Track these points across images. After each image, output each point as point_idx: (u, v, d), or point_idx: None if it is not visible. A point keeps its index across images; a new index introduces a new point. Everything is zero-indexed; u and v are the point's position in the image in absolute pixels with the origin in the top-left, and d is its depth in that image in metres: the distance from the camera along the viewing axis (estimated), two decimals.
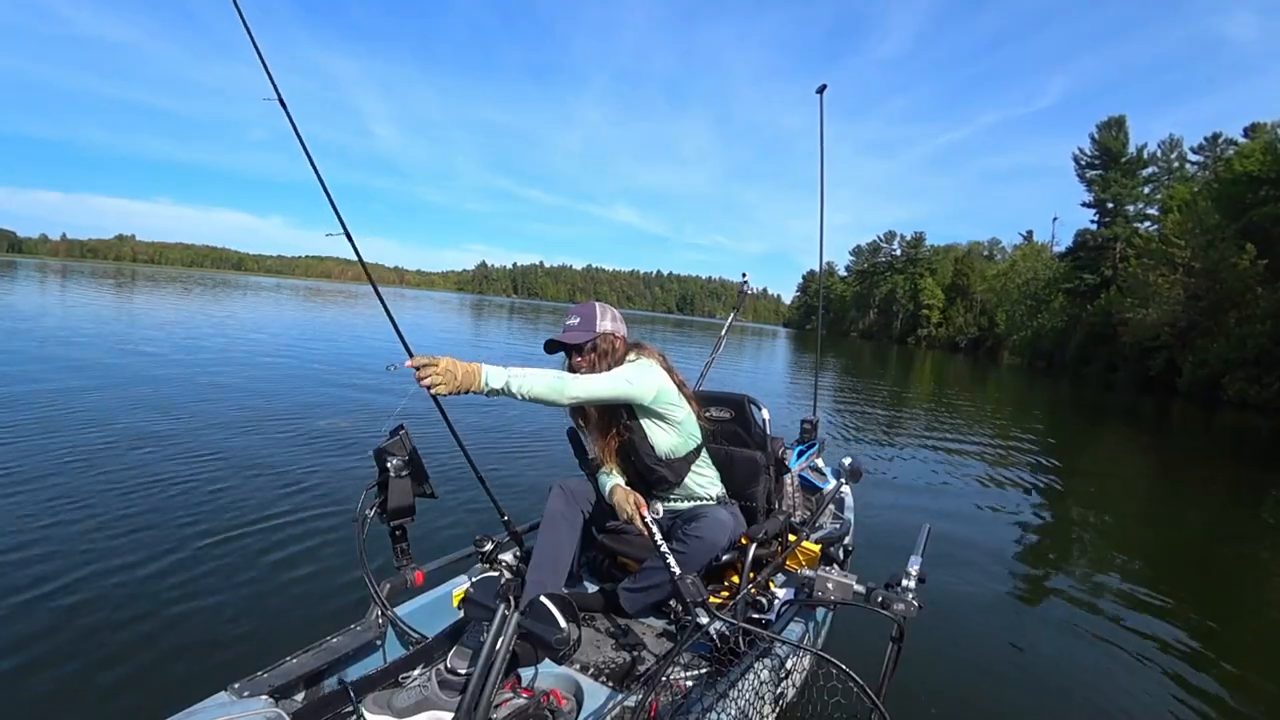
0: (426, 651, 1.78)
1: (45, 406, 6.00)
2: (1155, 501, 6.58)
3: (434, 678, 1.58)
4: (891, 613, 1.45)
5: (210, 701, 1.36)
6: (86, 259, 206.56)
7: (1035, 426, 11.15)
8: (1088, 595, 3.75)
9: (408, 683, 1.63)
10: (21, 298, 18.14)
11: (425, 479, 1.90)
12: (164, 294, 26.34)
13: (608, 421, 2.12)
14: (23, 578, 3.09)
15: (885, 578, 1.53)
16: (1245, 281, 24.40)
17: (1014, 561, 4.25)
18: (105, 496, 4.27)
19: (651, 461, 2.09)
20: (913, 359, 34.99)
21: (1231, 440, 13.63)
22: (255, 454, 5.66)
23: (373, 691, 1.59)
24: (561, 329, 2.12)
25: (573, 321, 2.11)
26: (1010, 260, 64.31)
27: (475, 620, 1.61)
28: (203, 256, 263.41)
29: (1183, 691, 2.70)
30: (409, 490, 1.85)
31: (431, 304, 42.24)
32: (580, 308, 2.16)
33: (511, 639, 1.39)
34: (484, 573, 2.13)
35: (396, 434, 1.88)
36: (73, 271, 42.89)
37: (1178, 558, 4.84)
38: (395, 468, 1.81)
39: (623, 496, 1.96)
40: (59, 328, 12.62)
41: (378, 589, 1.81)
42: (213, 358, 10.43)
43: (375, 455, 1.85)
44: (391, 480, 1.81)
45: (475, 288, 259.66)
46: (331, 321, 22.15)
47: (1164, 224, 33.31)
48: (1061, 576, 4.13)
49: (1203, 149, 40.41)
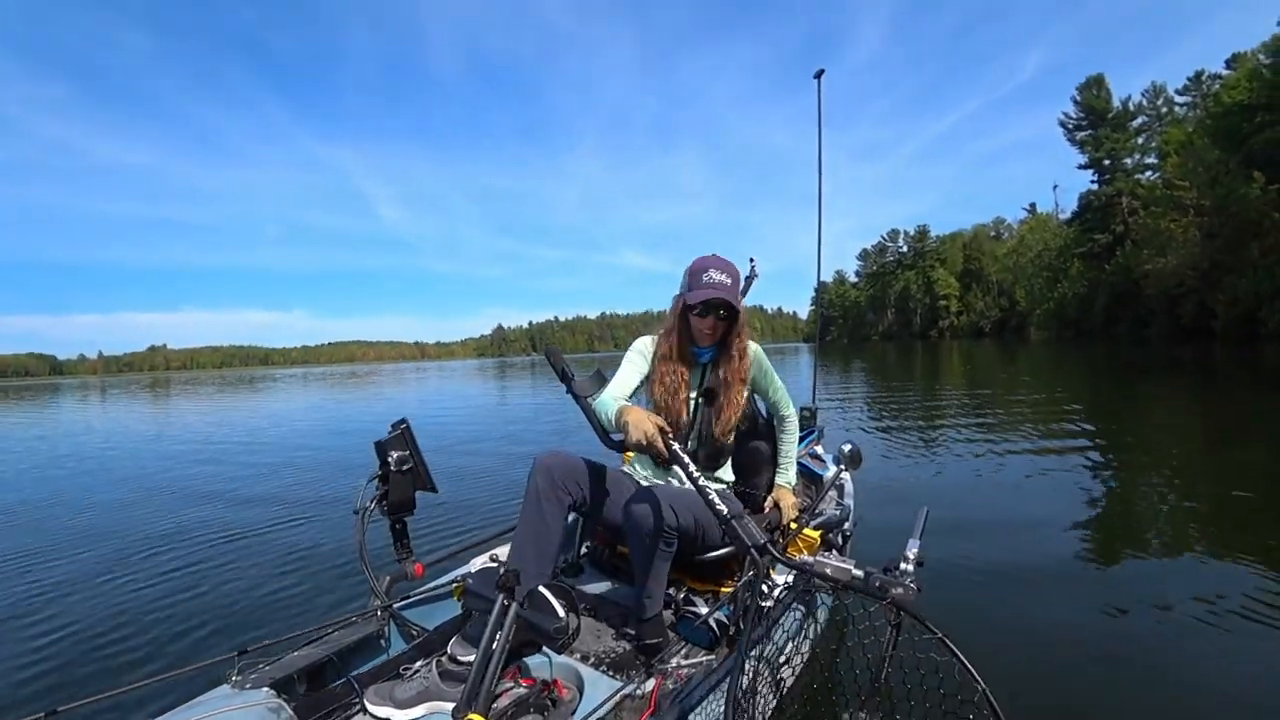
0: (427, 643, 1.78)
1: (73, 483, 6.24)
2: (1214, 450, 5.89)
3: (435, 669, 1.58)
4: (888, 598, 1.40)
5: (213, 693, 1.37)
6: (123, 373, 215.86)
7: (1072, 395, 10.36)
8: (1162, 567, 3.11)
9: (409, 674, 1.62)
10: (70, 416, 18.96)
11: (426, 473, 1.92)
12: (194, 397, 27.30)
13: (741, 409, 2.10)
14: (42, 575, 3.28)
15: (885, 561, 1.49)
16: (1260, 210, 23.70)
17: (1069, 533, 3.66)
18: (128, 506, 4.43)
19: (719, 438, 2.05)
20: (938, 351, 34.14)
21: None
22: (260, 457, 5.76)
23: (374, 683, 1.60)
24: (710, 282, 1.89)
25: (724, 279, 1.91)
26: (1018, 236, 63.50)
27: (475, 611, 1.61)
28: (231, 356, 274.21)
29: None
30: (409, 484, 1.87)
31: (457, 373, 42.90)
32: (719, 261, 1.95)
33: (511, 629, 1.39)
34: (483, 565, 2.13)
35: (398, 428, 1.90)
36: (111, 387, 44.94)
37: (1251, 508, 3.96)
38: (396, 461, 1.84)
39: (641, 416, 1.68)
40: (111, 433, 13.19)
41: (378, 582, 1.83)
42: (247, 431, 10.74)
43: (376, 449, 1.87)
44: (392, 474, 1.84)
45: (495, 351, 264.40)
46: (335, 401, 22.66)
47: (1165, 169, 32.76)
48: (1127, 548, 3.43)
49: (1188, 89, 39.91)
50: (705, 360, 2.04)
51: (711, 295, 1.87)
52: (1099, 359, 20.14)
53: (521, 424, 9.94)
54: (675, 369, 1.99)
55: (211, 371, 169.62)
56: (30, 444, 10.59)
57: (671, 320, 2.01)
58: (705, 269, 1.91)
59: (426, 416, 10.81)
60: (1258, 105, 24.77)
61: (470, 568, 2.11)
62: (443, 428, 9.50)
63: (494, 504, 4.67)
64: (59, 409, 21.94)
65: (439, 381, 29.91)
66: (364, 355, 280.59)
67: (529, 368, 45.82)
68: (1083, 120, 42.89)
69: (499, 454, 7.05)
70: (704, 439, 2.03)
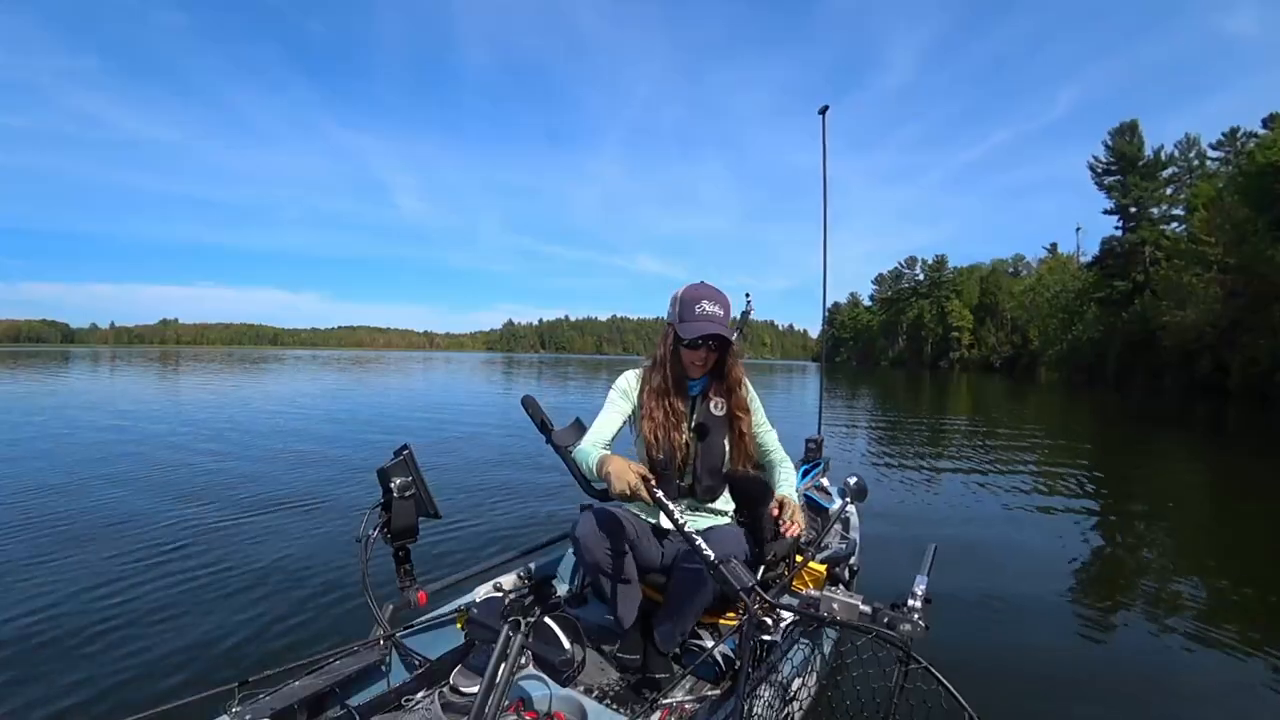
0: (430, 673, 1.75)
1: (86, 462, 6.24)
2: (1218, 508, 5.98)
3: (437, 700, 1.56)
4: (898, 633, 1.39)
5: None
6: (134, 344, 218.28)
7: (1081, 441, 10.42)
8: (1160, 610, 3.39)
9: (410, 705, 1.60)
10: (102, 383, 19.18)
11: (429, 500, 1.88)
12: (205, 373, 27.52)
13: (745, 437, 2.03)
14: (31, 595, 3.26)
15: (892, 598, 1.49)
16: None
17: (1072, 574, 3.92)
18: (117, 528, 4.43)
19: (711, 470, 1.99)
20: (946, 383, 33.99)
21: None
22: (258, 482, 5.75)
23: (376, 714, 1.58)
24: (703, 314, 1.86)
25: (716, 310, 1.87)
26: (1037, 274, 63.08)
27: (479, 641, 1.59)
28: (241, 334, 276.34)
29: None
30: (412, 511, 1.84)
31: (466, 365, 43.25)
32: (711, 291, 1.91)
33: (515, 661, 1.37)
34: (488, 593, 2.11)
35: (401, 454, 1.87)
36: (120, 356, 45.52)
37: (1252, 566, 4.28)
38: (399, 488, 1.81)
39: (623, 466, 1.69)
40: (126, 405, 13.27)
41: (380, 610, 1.82)
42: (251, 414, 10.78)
43: (379, 475, 1.84)
44: (395, 501, 1.81)
45: (504, 346, 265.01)
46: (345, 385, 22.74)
47: (1191, 223, 32.43)
48: (1127, 589, 3.74)
49: (1221, 144, 39.54)
50: (695, 393, 2.01)
51: (706, 330, 1.84)
52: (1109, 406, 20.01)
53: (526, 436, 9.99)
54: (668, 403, 1.95)
55: (220, 348, 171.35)
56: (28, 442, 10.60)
57: (662, 351, 1.96)
58: (698, 299, 1.87)
59: (428, 419, 10.86)
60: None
61: (474, 596, 2.09)
62: (447, 439, 9.54)
63: (499, 531, 4.62)
64: (62, 380, 22.11)
65: (445, 377, 29.92)
66: (373, 341, 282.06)
67: (535, 365, 45.99)
68: (1112, 165, 42.55)
69: (503, 474, 7.03)
70: (700, 474, 1.98)
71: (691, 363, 1.93)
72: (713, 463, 1.97)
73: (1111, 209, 42.40)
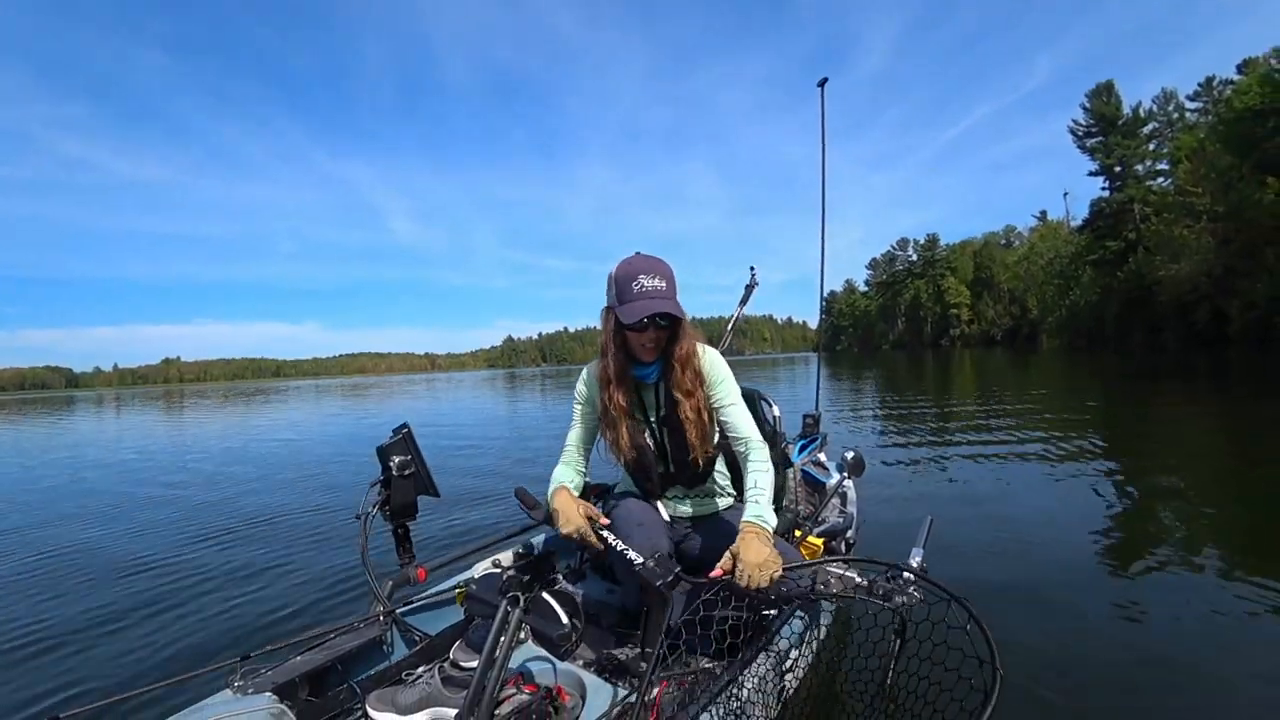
0: (430, 648, 1.78)
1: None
2: (1228, 459, 5.73)
3: (437, 674, 1.58)
4: (893, 605, 1.40)
5: (215, 699, 1.37)
6: (138, 385, 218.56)
7: (1083, 401, 10.24)
8: (1188, 569, 3.06)
9: (411, 680, 1.62)
10: (95, 428, 19.27)
11: (428, 477, 1.91)
12: (204, 409, 27.59)
13: (710, 421, 1.82)
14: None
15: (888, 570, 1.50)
16: (1274, 215, 23.39)
17: (1073, 539, 3.61)
18: (129, 515, 4.46)
19: (688, 458, 1.84)
20: (948, 361, 33.81)
21: None
22: (260, 462, 5.76)
23: (376, 689, 1.59)
24: (642, 291, 1.63)
25: (658, 284, 1.64)
26: (1029, 243, 63.04)
27: (478, 617, 1.61)
28: (243, 368, 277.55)
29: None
30: (411, 489, 1.87)
31: (468, 383, 43.17)
32: (648, 263, 1.67)
33: (514, 635, 1.39)
34: (486, 569, 2.12)
35: (400, 433, 1.89)
36: (122, 400, 45.61)
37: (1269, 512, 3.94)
38: (398, 466, 1.84)
39: (569, 507, 1.62)
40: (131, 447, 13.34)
41: (381, 587, 1.82)
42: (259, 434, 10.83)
43: (378, 453, 1.86)
44: (395, 479, 1.83)
45: (505, 362, 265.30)
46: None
47: (1176, 176, 32.43)
48: (1138, 559, 3.29)
49: (1199, 95, 39.52)
50: (654, 379, 1.79)
51: (649, 310, 1.61)
52: (1112, 367, 19.87)
53: (529, 431, 10.07)
54: (619, 394, 1.74)
55: (222, 383, 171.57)
56: (46, 457, 10.70)
57: (605, 338, 1.73)
58: (634, 275, 1.63)
59: (429, 422, 10.89)
60: (1270, 110, 24.48)
61: (473, 573, 2.10)
62: (452, 429, 9.58)
63: (497, 508, 4.65)
64: (70, 423, 22.24)
65: (447, 392, 29.99)
66: (375, 367, 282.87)
67: (538, 379, 45.97)
68: (1093, 127, 42.55)
69: (503, 457, 7.04)
70: (677, 464, 1.85)
71: (641, 346, 1.70)
72: (687, 450, 1.82)
73: (1096, 170, 42.33)
